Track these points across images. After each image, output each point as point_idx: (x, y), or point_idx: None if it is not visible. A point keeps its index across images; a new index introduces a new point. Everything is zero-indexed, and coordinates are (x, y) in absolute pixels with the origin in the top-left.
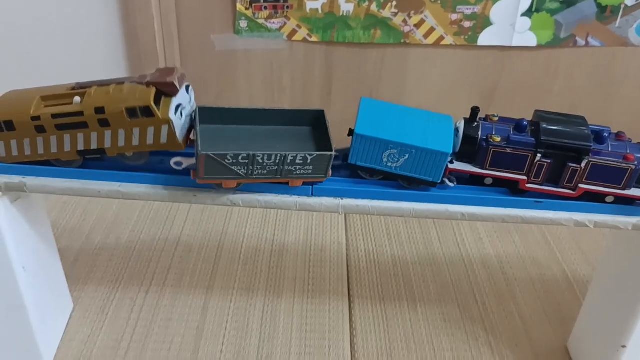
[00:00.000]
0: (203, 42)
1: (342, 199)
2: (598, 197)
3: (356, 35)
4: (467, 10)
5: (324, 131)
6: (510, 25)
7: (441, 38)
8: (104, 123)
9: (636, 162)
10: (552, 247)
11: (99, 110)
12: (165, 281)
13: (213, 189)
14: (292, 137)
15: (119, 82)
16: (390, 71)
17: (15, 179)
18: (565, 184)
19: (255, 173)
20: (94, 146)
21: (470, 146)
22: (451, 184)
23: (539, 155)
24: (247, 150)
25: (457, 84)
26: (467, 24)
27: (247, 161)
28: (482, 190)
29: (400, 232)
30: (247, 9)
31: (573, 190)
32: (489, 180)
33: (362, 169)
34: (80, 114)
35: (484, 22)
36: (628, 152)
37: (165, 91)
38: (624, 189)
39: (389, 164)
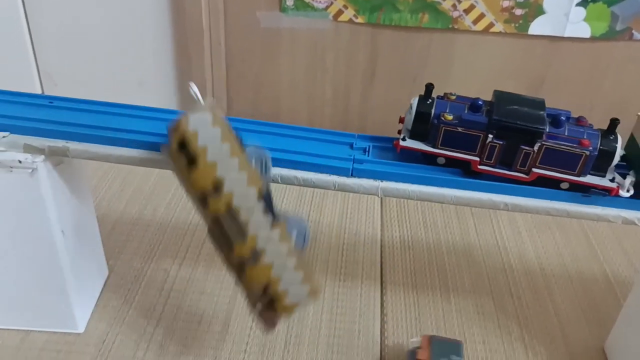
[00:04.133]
0: (248, 19)
1: (381, 182)
2: (553, 183)
3: (403, 18)
4: None
5: None
6: (564, 14)
7: (491, 25)
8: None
9: (591, 148)
10: (592, 245)
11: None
12: (199, 255)
13: None
14: None
15: None
16: (436, 56)
17: (59, 143)
18: (518, 167)
19: None
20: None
21: (423, 124)
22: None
23: (491, 136)
24: None
25: (504, 73)
26: (518, 12)
27: None
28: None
29: (436, 220)
30: None
31: (526, 174)
32: (441, 160)
33: None
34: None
35: (536, 10)
36: (584, 137)
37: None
38: (578, 176)
39: None
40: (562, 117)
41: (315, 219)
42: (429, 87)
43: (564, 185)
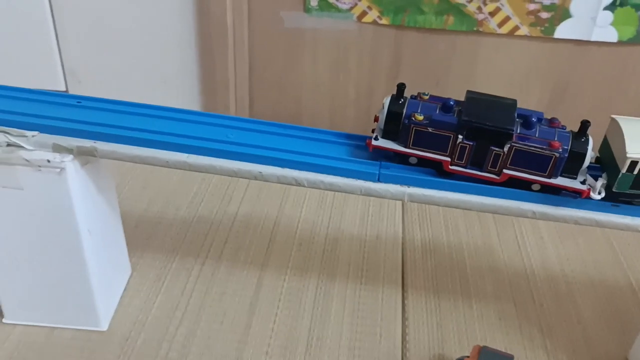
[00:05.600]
0: (272, 18)
1: (408, 187)
2: (524, 184)
3: (428, 20)
4: (546, 0)
5: None
6: (591, 18)
7: (516, 28)
8: None
9: (561, 150)
10: (616, 252)
11: None
12: (221, 255)
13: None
14: None
15: None
16: (460, 59)
17: (87, 143)
18: (489, 168)
19: None
20: None
21: (394, 123)
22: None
23: (461, 136)
24: None
25: (529, 76)
26: (544, 15)
27: None
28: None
29: (458, 224)
30: None
31: (497, 175)
32: (413, 160)
33: None
34: None
35: (562, 13)
36: (555, 139)
37: None
38: (549, 177)
39: None
40: (534, 118)
41: (337, 222)
42: (401, 87)
43: (535, 187)
